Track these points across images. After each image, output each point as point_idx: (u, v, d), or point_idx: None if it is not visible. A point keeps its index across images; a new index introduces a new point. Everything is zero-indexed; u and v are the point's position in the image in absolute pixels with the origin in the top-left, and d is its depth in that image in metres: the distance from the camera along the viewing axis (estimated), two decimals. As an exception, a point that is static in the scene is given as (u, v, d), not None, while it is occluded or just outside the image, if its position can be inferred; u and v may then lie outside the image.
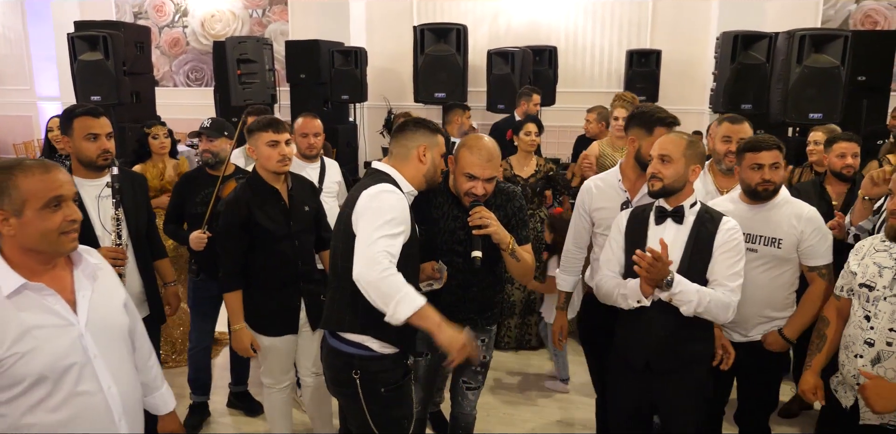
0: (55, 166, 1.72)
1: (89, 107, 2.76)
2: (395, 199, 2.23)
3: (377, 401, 2.31)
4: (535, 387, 4.12)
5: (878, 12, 7.58)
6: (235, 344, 2.94)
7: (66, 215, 1.69)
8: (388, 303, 2.03)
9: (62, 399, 1.68)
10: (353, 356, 2.30)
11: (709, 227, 2.45)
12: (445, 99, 6.75)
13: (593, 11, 8.37)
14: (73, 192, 1.72)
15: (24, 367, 1.63)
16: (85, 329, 1.74)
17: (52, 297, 1.71)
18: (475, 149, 2.47)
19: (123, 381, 1.81)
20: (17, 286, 1.65)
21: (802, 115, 4.86)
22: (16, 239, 1.67)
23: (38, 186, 1.66)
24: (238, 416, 3.78)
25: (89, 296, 1.78)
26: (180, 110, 8.90)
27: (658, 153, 2.45)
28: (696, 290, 2.35)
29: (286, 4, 9.50)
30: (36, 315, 1.67)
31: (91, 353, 1.73)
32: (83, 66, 6.38)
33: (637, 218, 2.57)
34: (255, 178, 2.95)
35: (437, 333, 2.06)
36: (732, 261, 2.42)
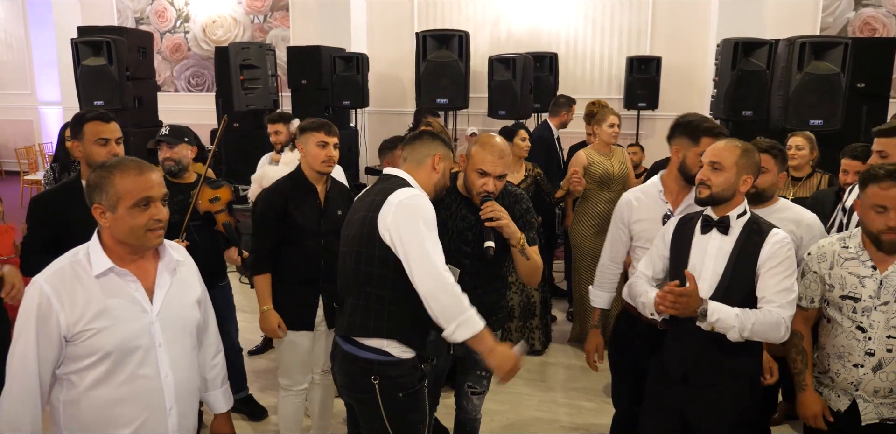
0: (150, 168, 1.86)
1: (100, 112, 2.79)
2: (425, 202, 2.27)
3: (395, 406, 2.31)
4: (539, 392, 4.13)
5: (876, 20, 7.64)
6: (263, 324, 3.03)
7: (153, 214, 1.83)
8: (451, 322, 2.14)
9: (124, 378, 1.83)
10: (371, 362, 2.29)
11: (755, 239, 2.34)
12: (447, 105, 6.79)
13: (593, 18, 8.41)
14: (162, 193, 1.86)
15: (98, 342, 1.78)
16: (156, 317, 1.88)
17: (133, 283, 1.86)
18: (488, 146, 2.53)
19: (181, 371, 1.93)
20: (105, 268, 1.82)
21: (803, 122, 4.88)
22: (110, 230, 1.84)
23: (131, 186, 1.81)
24: (238, 421, 3.77)
25: (167, 288, 1.92)
26: (182, 116, 8.90)
27: (709, 160, 2.37)
28: (735, 315, 2.24)
29: (287, 10, 9.54)
30: (116, 297, 1.83)
31: (157, 340, 1.87)
32: (86, 71, 6.40)
33: (684, 226, 2.50)
34: (298, 174, 3.08)
35: (489, 357, 2.18)
36: (782, 276, 2.29)
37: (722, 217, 2.38)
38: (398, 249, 2.20)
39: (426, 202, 2.27)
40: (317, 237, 3.00)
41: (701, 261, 2.39)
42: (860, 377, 2.30)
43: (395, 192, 2.27)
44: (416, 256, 2.16)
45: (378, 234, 2.23)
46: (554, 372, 4.39)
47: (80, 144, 2.75)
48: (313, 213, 3.02)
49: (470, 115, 7.78)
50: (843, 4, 7.68)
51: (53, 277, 1.80)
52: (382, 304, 2.26)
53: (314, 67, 7.71)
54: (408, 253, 2.17)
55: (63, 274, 1.80)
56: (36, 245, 2.69)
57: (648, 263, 2.58)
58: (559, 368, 4.46)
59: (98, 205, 1.82)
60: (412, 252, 2.17)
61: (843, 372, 2.34)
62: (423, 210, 2.23)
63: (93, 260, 1.83)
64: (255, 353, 4.54)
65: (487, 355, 2.18)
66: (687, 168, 2.63)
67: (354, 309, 2.33)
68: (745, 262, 2.32)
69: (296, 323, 3.03)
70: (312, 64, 7.71)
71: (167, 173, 3.38)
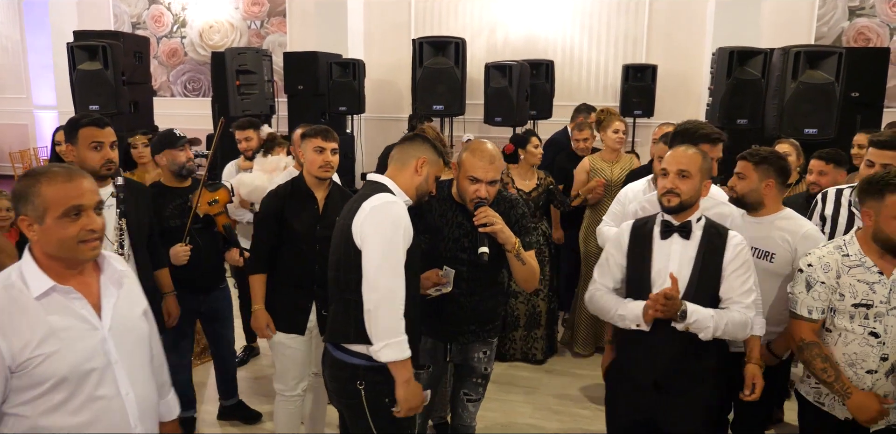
0: (80, 174, 1.73)
1: (95, 116, 2.78)
2: (398, 209, 2.27)
3: (382, 412, 2.31)
4: (533, 399, 4.12)
5: (870, 29, 7.69)
6: (253, 323, 3.06)
7: (86, 225, 1.69)
8: (382, 339, 2.17)
9: (81, 402, 1.70)
10: (357, 367, 2.30)
11: (717, 241, 2.40)
12: (444, 111, 6.79)
13: (590, 26, 8.45)
14: (95, 200, 1.72)
15: (48, 368, 1.65)
16: (108, 334, 1.76)
17: (78, 300, 1.73)
18: (478, 152, 2.53)
19: (141, 386, 1.84)
20: (46, 288, 1.68)
21: (798, 131, 4.91)
22: (40, 244, 1.70)
23: (59, 194, 1.67)
24: (228, 428, 3.76)
25: (114, 301, 1.81)
26: (178, 120, 8.85)
27: (677, 168, 2.39)
28: (711, 316, 2.31)
29: (284, 16, 9.55)
30: (62, 317, 1.69)
31: (112, 357, 1.75)
32: (82, 75, 6.39)
33: (639, 232, 2.51)
34: (299, 180, 3.11)
35: (402, 387, 2.23)
36: (744, 277, 2.38)
37: (684, 222, 2.42)
38: (363, 253, 2.22)
39: (399, 209, 2.26)
40: (312, 243, 3.00)
41: (665, 265, 2.41)
42: (873, 383, 2.32)
43: (370, 197, 2.28)
44: (374, 265, 2.19)
45: (353, 240, 2.25)
46: (549, 379, 4.39)
47: (74, 149, 2.74)
48: (310, 218, 3.04)
49: (466, 121, 7.80)
50: (837, 14, 7.73)
51: None
52: (360, 311, 2.25)
53: (311, 73, 7.71)
54: (368, 259, 2.20)
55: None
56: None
57: (606, 273, 2.57)
58: (554, 376, 4.45)
59: (24, 216, 1.68)
60: (372, 259, 2.20)
61: (854, 379, 2.35)
62: (393, 217, 2.23)
63: (29, 281, 1.67)
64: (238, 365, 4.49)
65: (401, 385, 2.22)
66: None
67: (336, 316, 2.36)
68: (711, 264, 2.38)
69: (288, 325, 3.04)
70: (309, 70, 7.71)
71: (189, 174, 3.41)
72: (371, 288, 2.18)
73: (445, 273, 2.60)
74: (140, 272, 2.91)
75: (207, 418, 3.82)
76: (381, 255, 2.18)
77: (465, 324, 2.72)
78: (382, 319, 2.16)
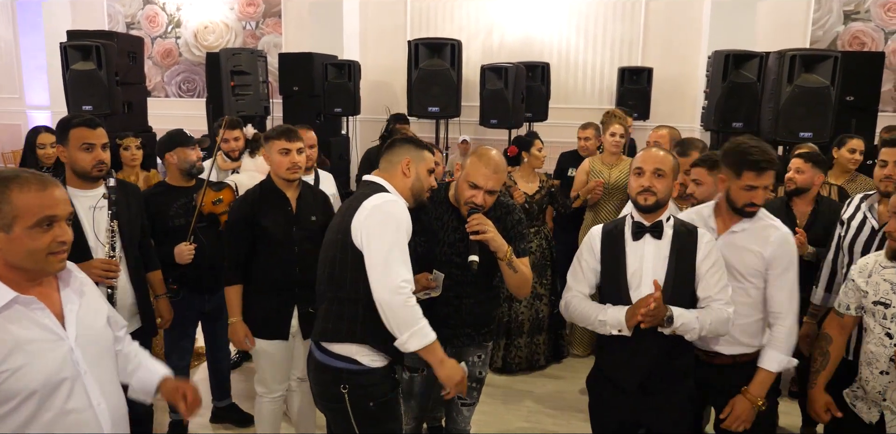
0: (53, 183, 1.66)
1: (86, 117, 2.75)
2: (400, 208, 2.27)
3: (366, 415, 2.30)
4: (528, 403, 4.10)
5: (865, 34, 7.70)
6: (231, 336, 3.00)
7: (57, 236, 1.63)
8: (404, 332, 2.17)
9: (51, 416, 1.64)
10: (340, 370, 2.29)
11: (687, 241, 2.43)
12: (439, 113, 6.78)
13: (586, 28, 8.44)
14: (68, 211, 1.66)
15: (17, 383, 1.58)
16: (75, 344, 1.70)
17: (41, 311, 1.66)
18: (485, 158, 2.52)
19: (111, 396, 1.78)
20: (7, 300, 1.60)
21: (793, 134, 4.91)
22: (2, 253, 1.62)
23: (31, 203, 1.60)
24: (220, 431, 3.74)
25: (76, 310, 1.74)
26: (172, 121, 8.80)
27: (653, 167, 2.42)
28: (695, 318, 2.33)
29: (280, 17, 9.52)
30: (26, 329, 1.62)
31: (81, 368, 1.69)
32: (75, 75, 6.34)
33: (611, 235, 2.52)
34: (268, 182, 3.04)
35: (438, 368, 2.25)
36: (719, 274, 2.41)
37: (655, 222, 2.44)
38: (364, 253, 2.21)
39: (400, 208, 2.28)
40: (290, 245, 2.97)
41: (640, 267, 2.42)
42: (886, 385, 2.32)
43: (370, 196, 2.29)
44: (377, 264, 2.19)
45: (351, 238, 2.25)
46: (543, 383, 4.37)
47: (65, 150, 2.71)
48: (285, 220, 2.99)
49: (462, 123, 7.78)
50: (832, 18, 7.74)
51: None
52: (356, 309, 2.26)
53: (306, 74, 7.68)
54: (371, 259, 2.20)
55: None
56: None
57: (580, 279, 2.55)
58: (549, 378, 4.44)
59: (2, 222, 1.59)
60: (375, 259, 2.19)
61: (871, 379, 2.37)
62: (395, 215, 2.24)
63: None
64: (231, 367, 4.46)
65: (438, 367, 2.25)
66: (731, 200, 2.53)
67: (328, 314, 2.34)
68: (684, 263, 2.40)
69: (271, 332, 2.99)
70: (304, 71, 7.69)
71: (198, 173, 3.42)
72: (380, 286, 2.17)
73: (435, 277, 2.60)
74: (132, 274, 2.90)
75: (200, 421, 3.80)
76: (387, 252, 2.18)
77: (459, 327, 2.71)
78: (399, 312, 2.16)
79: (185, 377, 3.60)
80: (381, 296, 2.17)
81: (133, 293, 2.91)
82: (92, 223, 2.74)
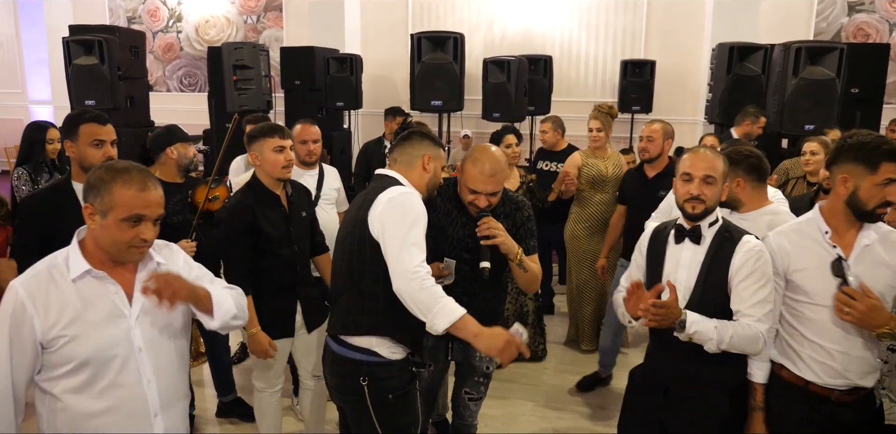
0: (153, 185, 1.79)
1: (95, 113, 2.74)
2: (416, 200, 2.25)
3: (385, 407, 2.29)
4: (534, 397, 4.11)
5: (869, 25, 7.67)
6: (252, 347, 2.92)
7: (140, 233, 1.77)
8: (427, 314, 2.11)
9: (104, 387, 1.76)
10: (360, 363, 2.28)
11: (727, 247, 2.27)
12: (442, 107, 6.76)
13: (588, 21, 8.41)
14: (158, 213, 1.80)
15: (72, 349, 1.72)
16: (135, 322, 1.81)
17: (112, 286, 1.80)
18: (479, 162, 2.47)
19: (165, 377, 1.87)
20: (81, 271, 1.76)
21: (798, 127, 4.89)
22: (94, 233, 1.79)
23: (128, 200, 1.75)
24: (226, 425, 3.75)
25: None
26: (174, 116, 8.83)
27: (703, 174, 2.27)
28: (714, 327, 2.17)
29: (281, 11, 9.50)
30: (94, 302, 1.76)
31: (137, 345, 1.80)
32: (78, 70, 6.34)
33: (658, 236, 2.45)
34: (256, 184, 2.95)
35: (475, 342, 2.12)
36: (756, 287, 2.20)
37: (693, 227, 2.32)
38: (382, 246, 2.20)
39: (416, 200, 2.26)
40: (289, 244, 2.95)
41: (674, 271, 2.34)
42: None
43: (386, 190, 2.27)
44: (393, 254, 2.17)
45: (369, 231, 2.23)
46: (549, 377, 4.37)
47: (73, 145, 2.70)
48: (281, 221, 2.94)
49: (464, 117, 7.77)
50: (836, 10, 7.71)
51: (30, 282, 1.74)
52: (376, 302, 2.25)
53: (308, 68, 7.66)
54: (387, 249, 2.19)
55: (39, 278, 1.75)
56: (27, 247, 2.63)
57: (629, 277, 2.53)
58: (554, 373, 4.44)
59: (90, 205, 1.77)
60: (391, 249, 2.18)
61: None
62: (411, 207, 2.22)
63: (71, 264, 1.78)
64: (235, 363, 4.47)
65: (474, 341, 2.12)
66: (860, 202, 2.14)
67: (348, 307, 2.32)
68: (717, 271, 2.26)
69: (277, 332, 2.96)
70: (306, 65, 7.67)
71: (193, 170, 3.41)
72: (397, 275, 2.15)
73: (447, 265, 2.58)
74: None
75: (207, 416, 3.81)
76: (402, 241, 2.16)
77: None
78: (417, 296, 2.12)
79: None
80: (399, 285, 2.14)
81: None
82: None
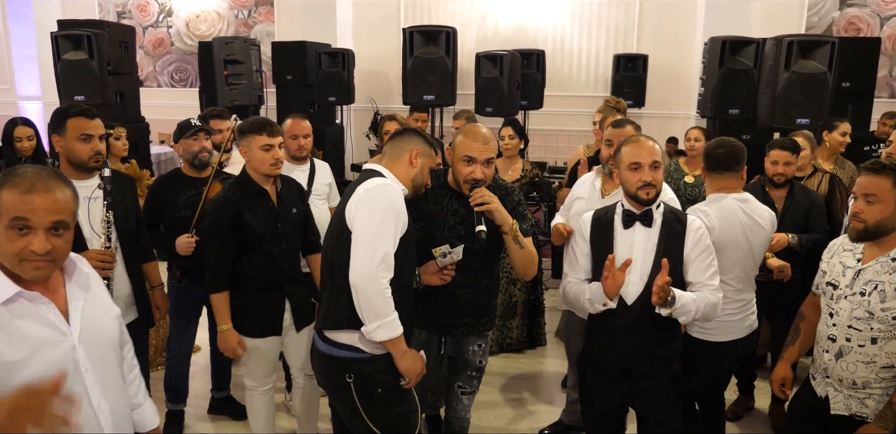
0: (46, 188, 1.56)
1: (83, 107, 2.72)
2: (392, 191, 2.27)
3: (375, 402, 2.30)
4: (528, 389, 4.11)
5: (860, 19, 7.68)
6: (222, 344, 2.90)
7: (29, 244, 1.54)
8: (374, 321, 2.18)
9: None
10: (345, 360, 2.29)
11: (676, 227, 2.47)
12: (434, 101, 6.74)
13: (580, 15, 8.39)
14: (47, 220, 1.55)
15: (16, 376, 1.55)
16: (78, 341, 1.65)
17: (46, 305, 1.63)
18: (471, 133, 2.54)
19: (113, 396, 1.74)
20: (11, 294, 1.57)
21: (790, 120, 4.89)
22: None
23: (9, 203, 1.55)
24: (218, 422, 3.74)
25: (82, 306, 1.70)
26: (165, 111, 8.80)
27: (650, 160, 2.44)
28: (693, 300, 2.37)
29: (272, 5, 9.43)
30: (31, 324, 1.59)
31: (83, 366, 1.65)
32: (67, 65, 6.28)
33: (600, 222, 2.56)
34: (245, 179, 2.92)
35: (400, 360, 2.28)
36: (708, 261, 2.46)
37: (645, 211, 2.46)
38: (352, 235, 2.21)
39: (392, 192, 2.27)
40: (277, 241, 2.92)
41: (629, 254, 2.44)
42: (826, 363, 2.37)
43: (365, 181, 2.30)
44: (360, 246, 2.19)
45: (346, 223, 2.25)
46: (542, 369, 4.38)
47: (61, 140, 2.68)
48: (269, 216, 2.91)
49: (456, 112, 7.73)
50: (828, 4, 7.72)
51: None
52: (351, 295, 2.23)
53: (299, 63, 7.62)
54: (355, 240, 2.20)
55: None
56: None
57: (574, 266, 2.62)
58: (548, 366, 4.45)
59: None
60: (359, 240, 2.20)
61: (817, 357, 2.44)
62: (386, 198, 2.24)
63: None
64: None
65: (400, 358, 2.27)
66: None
67: (329, 301, 2.34)
68: (673, 250, 2.43)
69: (264, 330, 2.95)
70: (298, 59, 7.63)
71: (202, 165, 3.35)
72: (359, 269, 2.16)
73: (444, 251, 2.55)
74: (128, 264, 2.88)
75: (198, 412, 3.79)
76: (372, 234, 2.18)
77: (459, 316, 2.70)
78: (373, 300, 2.17)
79: (187, 365, 3.59)
80: (358, 280, 2.17)
81: (129, 284, 2.89)
82: (87, 214, 2.71)
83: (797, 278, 3.46)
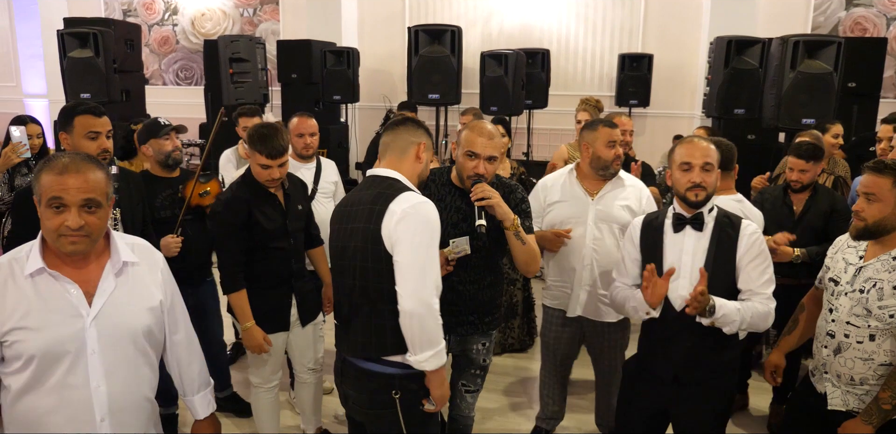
0: (77, 169, 1.70)
1: (91, 105, 2.72)
2: (431, 210, 2.15)
3: (416, 419, 2.23)
4: (531, 389, 4.11)
5: (867, 19, 7.66)
6: (247, 342, 2.91)
7: (64, 220, 1.69)
8: (427, 350, 2.10)
9: (51, 386, 1.72)
10: (393, 376, 2.19)
11: (729, 232, 2.39)
12: (439, 100, 6.74)
13: (585, 15, 8.39)
14: (79, 198, 1.69)
15: (23, 344, 1.68)
16: (92, 323, 1.74)
17: (69, 285, 1.74)
18: (476, 129, 2.55)
19: (117, 381, 1.77)
20: (35, 269, 1.72)
21: (795, 121, 4.88)
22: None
23: (46, 184, 1.69)
24: (223, 420, 3.73)
25: (110, 291, 1.78)
26: (170, 109, 8.80)
27: (702, 161, 2.37)
28: (737, 309, 2.29)
29: (277, 4, 9.44)
30: (49, 298, 1.71)
31: (90, 348, 1.73)
32: (73, 63, 6.30)
33: (650, 226, 2.50)
34: (251, 178, 2.92)
35: (438, 387, 2.19)
36: (763, 267, 2.36)
37: (696, 214, 2.41)
38: (396, 259, 2.09)
39: (431, 209, 2.14)
40: (286, 238, 2.93)
41: (678, 258, 2.41)
42: (825, 358, 2.39)
43: (395, 198, 2.13)
44: (412, 274, 2.07)
45: (383, 246, 2.11)
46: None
47: (68, 137, 2.69)
48: (278, 214, 2.93)
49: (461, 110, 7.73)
50: (834, 4, 7.70)
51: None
52: (397, 319, 2.13)
53: (304, 61, 7.64)
54: (404, 267, 2.08)
55: (0, 270, 1.73)
56: (23, 240, 2.62)
57: (622, 271, 2.60)
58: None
59: (36, 196, 1.74)
60: (409, 268, 2.07)
61: (817, 353, 2.45)
62: (429, 220, 2.11)
63: (30, 258, 1.74)
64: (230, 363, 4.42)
65: (439, 385, 2.19)
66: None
67: (367, 328, 2.20)
68: (724, 255, 2.37)
69: (272, 326, 2.96)
70: (303, 58, 7.65)
71: (175, 164, 3.31)
72: (414, 296, 2.06)
73: (456, 244, 2.54)
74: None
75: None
76: (424, 260, 2.07)
77: (463, 314, 2.70)
78: (428, 327, 2.08)
79: None
80: (414, 307, 2.06)
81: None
82: (95, 211, 2.72)
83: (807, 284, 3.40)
